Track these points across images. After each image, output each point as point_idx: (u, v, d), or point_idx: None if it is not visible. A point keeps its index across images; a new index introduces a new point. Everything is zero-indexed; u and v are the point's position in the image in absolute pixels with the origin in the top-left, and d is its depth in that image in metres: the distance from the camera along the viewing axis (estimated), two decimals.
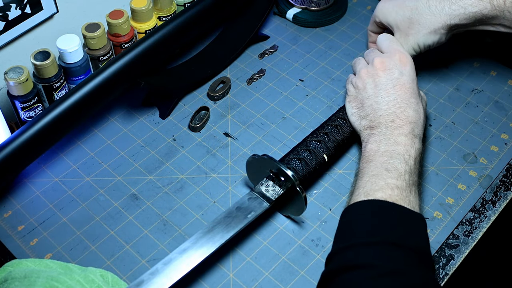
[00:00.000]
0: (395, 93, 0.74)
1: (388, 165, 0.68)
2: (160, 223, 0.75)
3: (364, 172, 0.69)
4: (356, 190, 0.68)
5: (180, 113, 0.88)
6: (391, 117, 0.73)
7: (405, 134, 0.71)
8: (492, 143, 0.84)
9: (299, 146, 0.76)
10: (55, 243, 0.73)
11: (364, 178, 0.68)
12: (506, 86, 0.91)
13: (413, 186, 0.68)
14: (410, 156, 0.69)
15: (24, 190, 0.78)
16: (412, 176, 0.68)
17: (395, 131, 0.71)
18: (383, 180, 0.66)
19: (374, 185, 0.66)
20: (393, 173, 0.67)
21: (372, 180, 0.67)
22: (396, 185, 0.66)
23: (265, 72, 0.93)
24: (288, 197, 0.73)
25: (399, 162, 0.68)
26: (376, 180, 0.67)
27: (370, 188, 0.66)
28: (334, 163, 0.81)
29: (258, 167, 0.74)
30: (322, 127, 0.78)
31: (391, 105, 0.73)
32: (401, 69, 0.76)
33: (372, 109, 0.75)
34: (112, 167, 0.81)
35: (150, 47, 0.81)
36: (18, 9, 0.78)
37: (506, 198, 0.78)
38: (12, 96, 0.78)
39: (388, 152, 0.69)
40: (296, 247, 0.73)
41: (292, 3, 1.02)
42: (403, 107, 0.73)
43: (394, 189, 0.65)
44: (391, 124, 0.72)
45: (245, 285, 0.70)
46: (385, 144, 0.71)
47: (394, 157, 0.69)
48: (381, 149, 0.70)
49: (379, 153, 0.70)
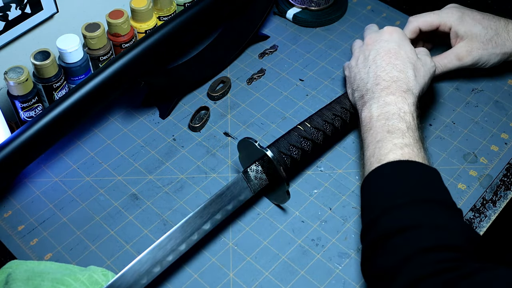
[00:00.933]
0: (380, 59, 0.77)
1: (388, 127, 0.69)
2: (160, 223, 0.75)
3: (369, 142, 0.70)
4: (368, 161, 0.69)
5: (180, 113, 0.88)
6: (376, 80, 0.75)
7: (392, 93, 0.72)
8: (492, 143, 0.84)
9: (290, 132, 0.77)
10: (55, 243, 0.73)
11: (370, 147, 0.69)
12: (506, 86, 0.91)
13: (419, 141, 0.69)
14: (405, 112, 0.70)
15: (24, 190, 0.78)
16: (414, 131, 0.69)
17: (382, 93, 0.73)
18: (390, 142, 0.67)
19: (382, 150, 0.67)
20: (396, 133, 0.68)
21: (379, 145, 0.68)
22: (404, 143, 0.67)
23: (265, 72, 0.94)
24: (274, 184, 0.74)
25: (398, 121, 0.69)
26: (383, 145, 0.68)
27: (380, 154, 0.67)
28: (334, 163, 0.81)
29: (247, 152, 0.76)
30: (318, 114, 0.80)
31: (377, 70, 0.76)
32: (387, 37, 0.80)
33: (361, 80, 0.77)
34: (112, 167, 0.81)
35: (150, 47, 0.81)
36: (18, 9, 0.78)
37: (506, 198, 0.78)
38: (12, 96, 0.78)
39: (382, 115, 0.71)
40: (296, 247, 0.73)
41: (292, 3, 1.02)
42: (387, 70, 0.75)
43: (403, 148, 0.66)
44: (377, 87, 0.74)
45: (245, 285, 0.70)
46: (376, 108, 0.72)
47: (389, 118, 0.70)
48: (375, 114, 0.72)
49: (375, 118, 0.71)
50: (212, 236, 0.74)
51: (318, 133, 0.77)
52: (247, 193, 0.73)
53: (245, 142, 0.74)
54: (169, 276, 0.70)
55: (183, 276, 0.70)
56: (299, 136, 0.76)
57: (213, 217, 0.70)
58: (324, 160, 0.82)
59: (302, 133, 0.76)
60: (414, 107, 0.72)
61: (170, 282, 0.70)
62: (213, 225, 0.70)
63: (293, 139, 0.75)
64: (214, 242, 0.73)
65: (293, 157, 0.75)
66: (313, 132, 0.76)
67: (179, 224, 0.68)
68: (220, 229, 0.74)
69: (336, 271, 0.71)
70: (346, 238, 0.74)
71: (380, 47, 0.79)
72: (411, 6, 1.04)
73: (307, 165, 0.81)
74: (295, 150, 0.75)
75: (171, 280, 0.70)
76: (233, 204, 0.72)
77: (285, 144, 0.75)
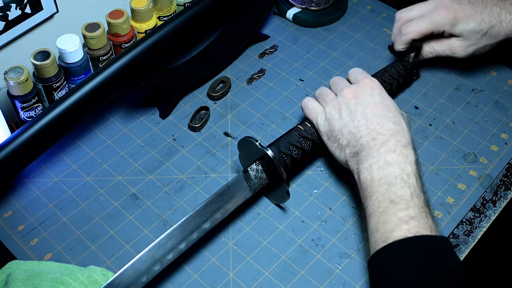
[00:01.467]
0: (370, 112, 0.72)
1: (391, 194, 0.64)
2: (160, 223, 0.75)
3: (371, 211, 0.65)
4: (371, 236, 0.64)
5: (180, 113, 0.88)
6: (372, 135, 0.70)
7: (392, 150, 0.68)
8: (492, 143, 0.84)
9: (290, 131, 0.77)
10: (55, 243, 0.73)
11: (373, 219, 0.65)
12: (506, 86, 0.91)
13: (425, 207, 0.64)
14: (409, 174, 0.66)
15: (24, 190, 0.78)
16: (419, 196, 0.64)
17: (381, 149, 0.68)
18: (394, 216, 0.63)
19: (387, 225, 0.63)
20: (400, 204, 0.63)
21: (382, 219, 0.63)
22: (409, 215, 0.62)
23: (265, 72, 0.94)
24: (274, 183, 0.74)
25: (401, 187, 0.64)
26: (387, 218, 0.63)
27: (385, 230, 0.62)
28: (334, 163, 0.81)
29: (247, 151, 0.76)
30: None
31: (369, 124, 0.71)
32: (370, 92, 0.74)
33: (351, 134, 0.71)
34: (112, 167, 0.81)
35: (150, 47, 0.81)
36: (18, 9, 0.78)
37: (506, 198, 0.78)
38: (12, 96, 0.78)
39: (384, 178, 0.66)
40: (296, 246, 0.73)
41: (292, 3, 1.02)
42: (381, 122, 0.70)
43: (409, 222, 0.62)
44: (374, 142, 0.69)
45: (245, 285, 0.70)
46: (377, 169, 0.67)
47: (392, 183, 0.65)
48: (376, 177, 0.66)
49: (376, 183, 0.66)
50: (212, 236, 0.74)
51: (318, 133, 0.77)
52: (247, 192, 0.73)
53: (246, 141, 0.74)
54: (169, 275, 0.70)
55: (183, 276, 0.70)
56: (300, 136, 0.76)
57: (213, 216, 0.70)
58: (324, 160, 0.82)
59: (303, 133, 0.76)
60: (416, 165, 0.67)
61: (170, 281, 0.70)
62: (213, 224, 0.70)
63: (293, 138, 0.75)
64: (214, 242, 0.73)
65: (293, 157, 0.75)
66: (313, 132, 0.76)
67: (179, 223, 0.68)
68: (220, 229, 0.74)
69: (336, 271, 0.71)
70: (346, 238, 0.74)
71: (366, 100, 0.73)
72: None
73: (307, 165, 0.81)
74: (295, 150, 0.75)
75: (171, 280, 0.70)
76: (233, 203, 0.72)
77: (285, 144, 0.75)
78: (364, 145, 0.70)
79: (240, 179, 0.73)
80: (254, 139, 0.73)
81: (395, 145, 0.68)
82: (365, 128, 0.71)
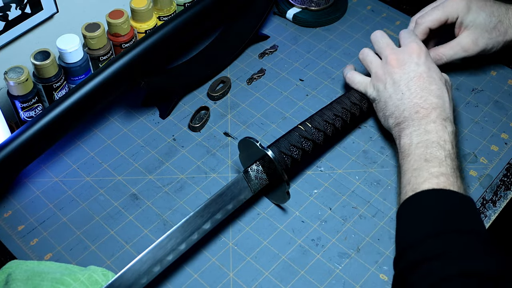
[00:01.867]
0: (414, 84, 0.75)
1: (427, 155, 0.68)
2: (160, 223, 0.75)
3: (405, 169, 0.70)
4: (403, 189, 0.69)
5: (180, 113, 0.88)
6: (415, 108, 0.73)
7: (433, 121, 0.71)
8: (492, 143, 0.84)
9: (291, 132, 0.77)
10: (55, 243, 0.73)
11: (407, 175, 0.69)
12: (506, 86, 0.91)
13: (457, 170, 0.68)
14: (446, 141, 0.70)
15: (24, 190, 0.78)
16: (453, 160, 0.69)
17: (422, 121, 0.72)
18: (426, 171, 0.67)
19: (418, 179, 0.67)
20: (433, 162, 0.68)
21: (415, 174, 0.68)
22: (440, 172, 0.66)
23: (265, 72, 0.94)
24: (275, 184, 0.74)
25: (437, 149, 0.69)
26: (420, 173, 0.67)
27: (415, 182, 0.67)
28: (334, 163, 0.81)
29: (248, 152, 0.76)
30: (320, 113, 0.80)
31: (413, 97, 0.74)
32: (416, 60, 0.77)
33: (395, 107, 0.76)
34: (112, 167, 0.81)
35: (150, 47, 0.81)
36: (18, 9, 0.78)
37: (506, 198, 0.78)
38: (12, 96, 0.78)
39: (422, 142, 0.70)
40: (296, 246, 0.73)
41: (292, 3, 1.02)
42: (424, 96, 0.74)
43: (439, 177, 0.66)
44: (416, 115, 0.73)
45: (245, 285, 0.70)
46: (416, 135, 0.71)
47: (429, 146, 0.69)
48: (414, 141, 0.71)
49: (414, 146, 0.70)
50: (212, 236, 0.74)
51: (319, 134, 0.77)
52: (247, 193, 0.73)
53: (246, 141, 0.74)
54: (169, 276, 0.70)
55: (183, 276, 0.70)
56: (300, 136, 0.76)
57: (213, 217, 0.70)
58: (324, 160, 0.82)
59: (303, 133, 0.76)
60: (453, 136, 0.71)
61: (170, 282, 0.70)
62: (213, 224, 0.70)
63: (294, 139, 0.75)
64: (214, 242, 0.73)
65: (293, 157, 0.75)
66: (314, 132, 0.76)
67: (179, 224, 0.68)
68: (220, 229, 0.74)
69: (336, 271, 0.71)
70: (346, 238, 0.74)
71: (411, 70, 0.76)
72: (411, 6, 1.04)
73: (307, 165, 0.81)
74: (295, 150, 0.75)
75: (171, 280, 0.70)
76: (233, 203, 0.72)
77: (286, 144, 0.75)
78: (407, 117, 0.74)
79: (241, 180, 0.73)
80: (255, 140, 0.73)
81: (436, 117, 0.72)
82: (408, 101, 0.74)
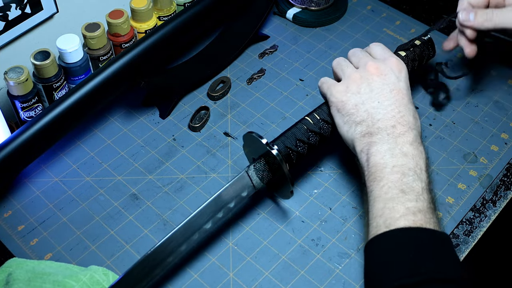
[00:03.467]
0: (392, 97, 0.69)
1: (403, 185, 0.62)
2: (160, 223, 0.75)
3: (376, 195, 0.63)
4: (373, 220, 0.62)
5: (180, 113, 0.88)
6: (391, 121, 0.67)
7: (410, 142, 0.66)
8: (492, 143, 0.84)
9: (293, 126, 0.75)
10: (55, 243, 0.73)
11: (378, 203, 0.63)
12: (506, 86, 0.91)
13: (431, 203, 0.63)
14: (422, 169, 0.64)
15: (24, 190, 0.78)
16: (429, 193, 0.63)
17: (399, 139, 0.66)
18: (402, 205, 0.61)
19: (393, 212, 0.61)
20: (410, 194, 0.62)
21: (389, 205, 0.61)
22: (418, 208, 0.61)
23: (265, 72, 0.94)
24: (278, 180, 0.73)
25: (413, 179, 0.63)
26: (394, 206, 0.61)
27: (390, 217, 0.61)
28: (334, 163, 0.81)
29: (252, 146, 0.75)
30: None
31: (390, 110, 0.68)
32: (397, 74, 0.71)
33: (368, 114, 0.68)
34: (112, 167, 0.81)
35: (150, 47, 0.82)
36: (18, 9, 0.78)
37: (506, 198, 0.78)
38: (12, 96, 0.78)
39: (397, 167, 0.64)
40: (296, 246, 0.73)
41: (292, 3, 1.02)
42: (402, 112, 0.68)
43: (416, 214, 0.60)
44: (392, 130, 0.66)
45: (245, 285, 0.70)
46: (391, 156, 0.65)
47: (406, 173, 0.63)
48: (389, 163, 0.64)
49: (388, 169, 0.64)
50: (212, 236, 0.74)
51: (327, 126, 0.74)
52: (250, 189, 0.72)
53: (251, 137, 0.73)
54: (169, 276, 0.70)
55: (183, 276, 0.70)
56: (308, 129, 0.73)
57: (215, 216, 0.69)
58: (324, 160, 0.82)
59: (311, 126, 0.73)
60: (427, 163, 0.66)
61: (170, 282, 0.70)
62: (215, 224, 0.70)
63: (300, 133, 0.73)
64: (214, 242, 0.73)
65: (299, 152, 0.73)
66: (322, 124, 0.74)
67: (181, 225, 0.68)
68: (220, 229, 0.74)
69: (336, 271, 0.71)
70: (346, 238, 0.74)
71: (391, 82, 0.70)
72: (411, 6, 1.04)
73: (307, 165, 0.81)
74: (302, 145, 0.73)
75: (171, 280, 0.70)
76: (235, 201, 0.71)
77: (292, 140, 0.72)
78: (381, 128, 0.67)
79: (244, 176, 0.72)
80: (260, 136, 0.71)
81: (413, 140, 0.66)
82: (385, 112, 0.68)
